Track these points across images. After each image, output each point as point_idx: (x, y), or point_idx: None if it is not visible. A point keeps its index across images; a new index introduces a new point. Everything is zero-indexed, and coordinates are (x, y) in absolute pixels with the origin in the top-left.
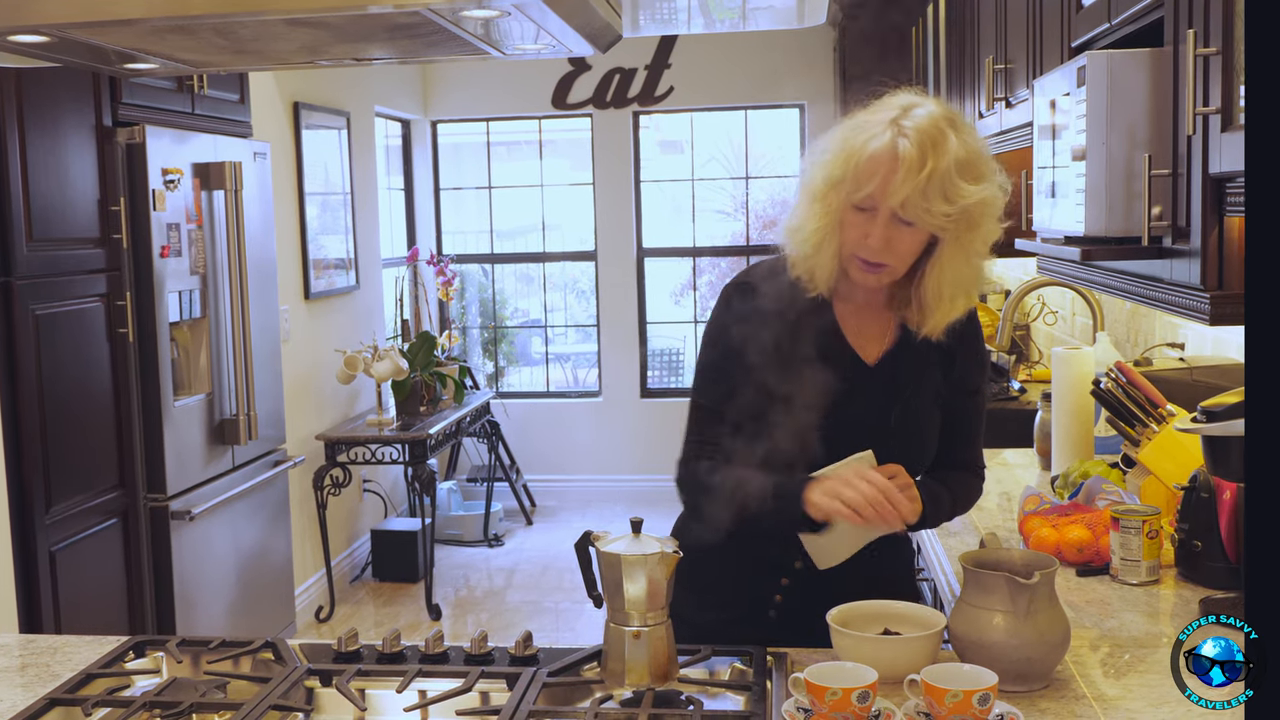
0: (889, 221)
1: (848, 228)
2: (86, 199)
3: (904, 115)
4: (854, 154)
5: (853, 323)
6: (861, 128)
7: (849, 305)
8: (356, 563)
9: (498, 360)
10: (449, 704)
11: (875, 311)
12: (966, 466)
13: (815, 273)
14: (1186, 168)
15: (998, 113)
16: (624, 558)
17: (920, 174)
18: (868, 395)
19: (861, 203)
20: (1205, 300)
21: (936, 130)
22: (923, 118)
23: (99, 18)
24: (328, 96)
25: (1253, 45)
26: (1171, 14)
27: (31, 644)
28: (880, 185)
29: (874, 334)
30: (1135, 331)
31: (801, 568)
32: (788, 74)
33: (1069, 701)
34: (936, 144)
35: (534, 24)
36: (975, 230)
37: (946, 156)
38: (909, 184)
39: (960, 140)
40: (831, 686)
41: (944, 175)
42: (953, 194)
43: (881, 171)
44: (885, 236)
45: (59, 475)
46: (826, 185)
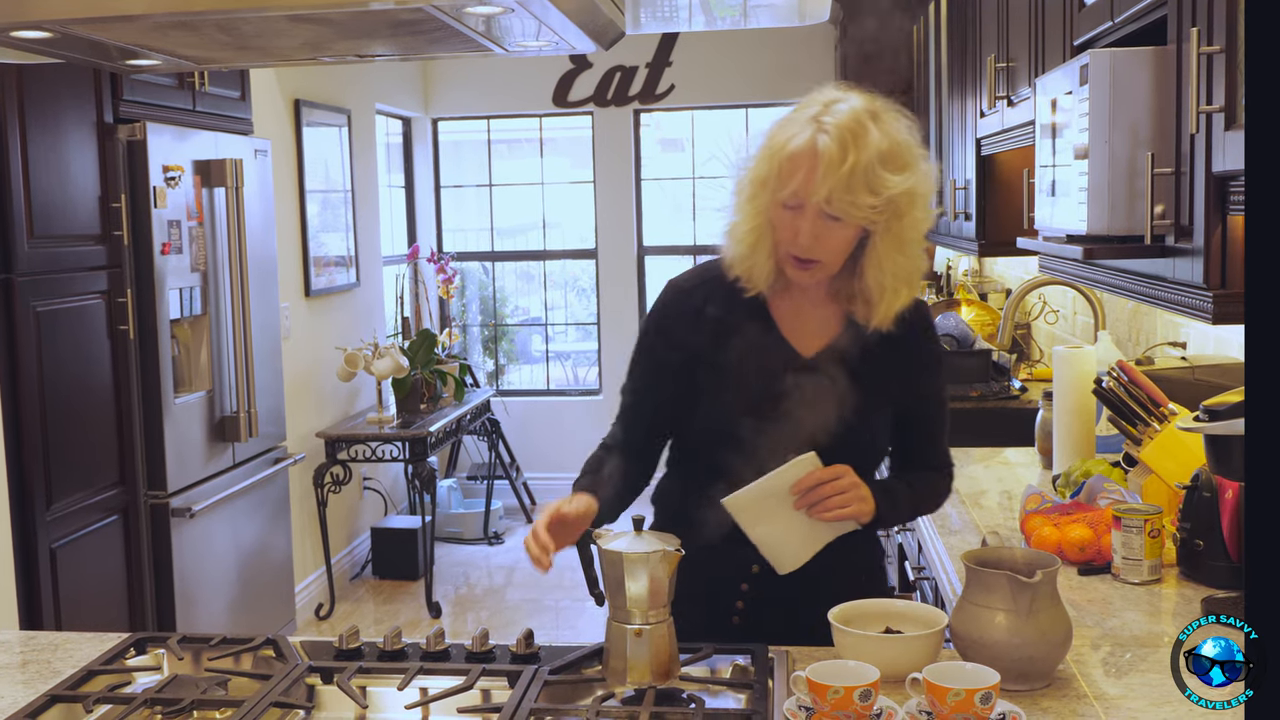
0: (817, 218)
1: (778, 227)
2: (87, 196)
3: (825, 111)
4: (777, 153)
5: (791, 318)
6: (785, 126)
7: (787, 301)
8: (356, 560)
9: (498, 358)
10: (450, 701)
11: (816, 307)
12: (934, 466)
13: (752, 272)
14: (1189, 166)
15: (999, 111)
16: (626, 556)
17: (842, 168)
18: (807, 388)
19: (788, 201)
20: (1208, 299)
21: (857, 123)
22: (844, 112)
23: (102, 13)
24: (329, 94)
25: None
26: (1175, 12)
27: (32, 640)
28: (803, 182)
29: (814, 328)
30: (1137, 330)
31: (760, 572)
32: (789, 72)
33: (1070, 700)
34: (857, 137)
35: (536, 20)
36: (904, 219)
37: (868, 149)
38: (831, 179)
39: (882, 131)
40: (833, 685)
41: (866, 168)
42: (877, 185)
43: (804, 168)
44: (814, 233)
45: (59, 472)
46: (754, 185)
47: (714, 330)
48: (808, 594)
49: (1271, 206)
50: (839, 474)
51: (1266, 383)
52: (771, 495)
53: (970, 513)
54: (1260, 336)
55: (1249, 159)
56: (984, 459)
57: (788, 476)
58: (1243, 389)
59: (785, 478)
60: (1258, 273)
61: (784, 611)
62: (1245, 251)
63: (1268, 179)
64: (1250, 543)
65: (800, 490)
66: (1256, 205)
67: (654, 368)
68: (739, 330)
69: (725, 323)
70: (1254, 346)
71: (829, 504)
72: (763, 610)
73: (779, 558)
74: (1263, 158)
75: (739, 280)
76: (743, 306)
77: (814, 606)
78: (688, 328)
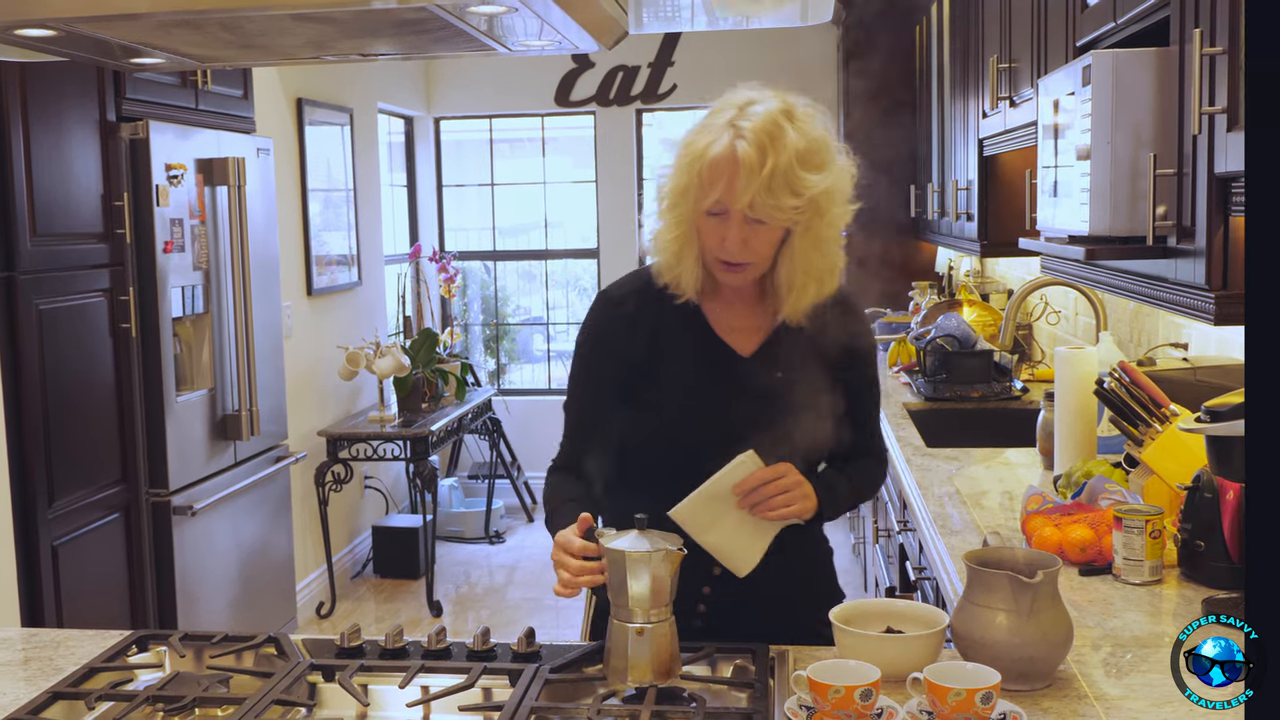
0: (742, 223)
1: (704, 233)
2: (90, 194)
3: (741, 115)
4: (696, 160)
5: (724, 319)
6: (701, 132)
7: (719, 303)
8: (358, 559)
9: (499, 357)
10: (451, 700)
11: (748, 305)
12: (866, 453)
13: (681, 279)
14: (1192, 167)
15: (1002, 112)
16: (628, 554)
17: (762, 173)
18: (749, 386)
19: (712, 208)
20: (1210, 300)
21: (774, 125)
22: (759, 115)
23: (105, 12)
24: (331, 93)
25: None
26: (1178, 13)
27: (34, 638)
28: (726, 190)
29: (748, 327)
30: (1138, 331)
31: (721, 574)
32: (792, 72)
33: (1071, 701)
34: (774, 139)
35: (539, 20)
36: (824, 217)
37: (786, 151)
38: (753, 184)
39: (798, 131)
40: (834, 684)
41: (786, 170)
42: (798, 186)
43: (725, 176)
44: (741, 238)
45: (61, 470)
46: (676, 194)
47: (650, 338)
48: (766, 594)
49: (1272, 207)
50: (781, 472)
51: (1267, 383)
52: (716, 500)
53: (971, 513)
54: (1261, 337)
55: (1249, 159)
56: (985, 459)
57: (729, 479)
58: (1244, 390)
59: (727, 480)
60: (1258, 273)
61: (748, 614)
62: (1245, 252)
63: (1268, 180)
64: (1250, 543)
65: (743, 491)
66: (1257, 206)
67: (595, 381)
68: (675, 336)
69: (661, 329)
70: (1254, 347)
71: (773, 503)
72: (727, 613)
73: (735, 561)
74: (1263, 158)
75: (669, 287)
76: (676, 312)
77: (773, 606)
78: (624, 338)
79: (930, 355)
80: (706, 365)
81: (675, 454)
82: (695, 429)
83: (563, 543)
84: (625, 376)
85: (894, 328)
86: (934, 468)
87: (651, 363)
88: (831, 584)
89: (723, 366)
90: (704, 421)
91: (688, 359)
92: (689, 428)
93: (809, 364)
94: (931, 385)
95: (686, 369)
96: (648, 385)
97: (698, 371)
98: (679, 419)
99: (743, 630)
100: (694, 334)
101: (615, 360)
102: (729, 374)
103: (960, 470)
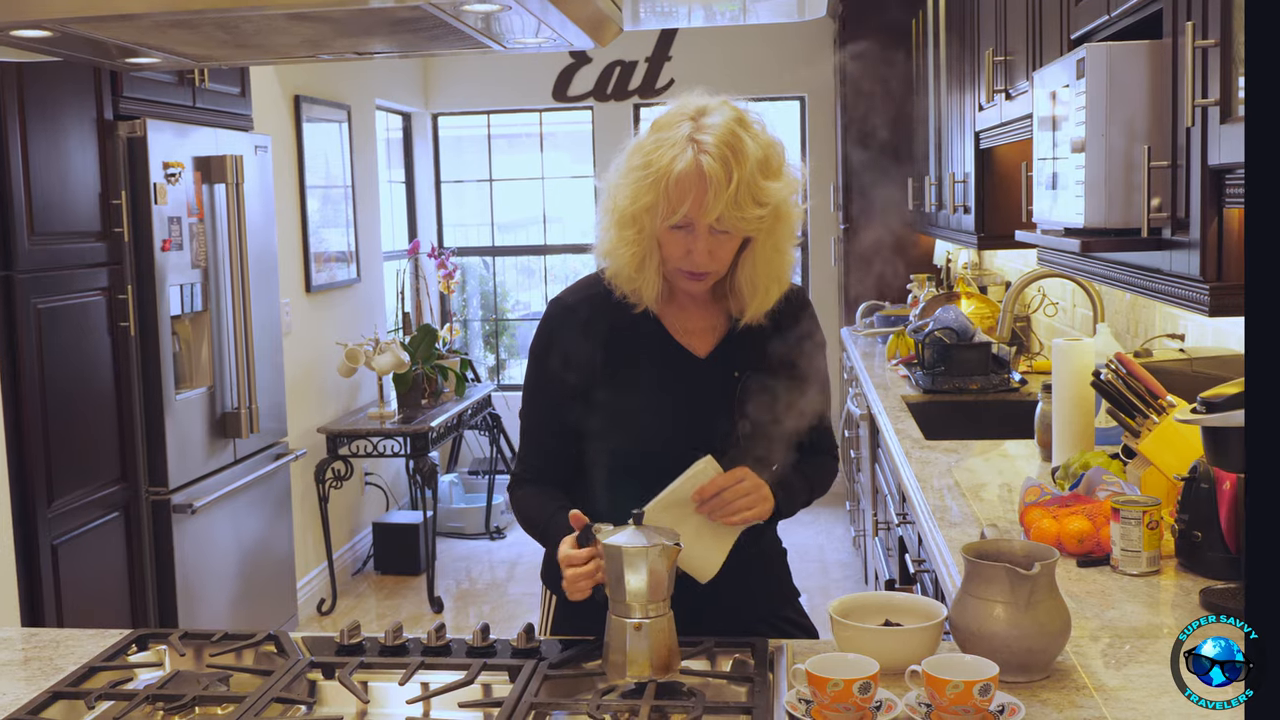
0: (708, 235)
1: (667, 245)
2: (88, 193)
3: (699, 129)
4: (661, 177)
5: (679, 321)
6: (661, 148)
7: (673, 306)
8: (358, 556)
9: (499, 353)
10: (451, 696)
11: (702, 308)
12: (822, 449)
13: (641, 290)
14: (1186, 159)
15: (998, 105)
16: (625, 550)
17: (729, 188)
18: (707, 388)
19: (678, 223)
20: (1205, 291)
21: (733, 136)
22: (718, 127)
23: (101, 12)
24: (328, 90)
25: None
26: (1170, 6)
27: (34, 637)
28: (694, 206)
29: (703, 329)
30: (1135, 323)
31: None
32: (788, 67)
33: (1070, 692)
34: (736, 151)
35: (535, 18)
36: (783, 221)
37: (748, 162)
38: (720, 200)
39: (755, 140)
40: (833, 678)
41: (749, 182)
42: (761, 196)
43: (692, 192)
44: (707, 250)
45: (61, 469)
46: (638, 209)
47: (606, 342)
48: (723, 594)
49: (1271, 197)
50: (739, 477)
51: (1266, 373)
52: (675, 506)
53: (970, 505)
54: (1260, 326)
55: (1248, 149)
56: (983, 451)
57: (688, 486)
58: (1240, 381)
59: (686, 488)
60: (1257, 263)
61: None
62: (1244, 242)
63: (1267, 169)
64: (1250, 537)
65: (703, 498)
66: (1256, 195)
67: (552, 387)
68: (631, 340)
69: (616, 334)
70: (1254, 336)
71: (733, 507)
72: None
73: (697, 567)
74: (1262, 148)
75: (627, 297)
76: (631, 316)
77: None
78: (580, 343)
79: (928, 348)
80: (663, 368)
81: (634, 457)
82: (653, 432)
83: (567, 559)
84: (582, 382)
85: (892, 320)
86: (933, 460)
87: (608, 367)
88: (787, 582)
89: (679, 369)
90: (662, 424)
91: (644, 362)
92: (647, 431)
93: (764, 361)
94: (930, 378)
95: (643, 372)
96: (605, 390)
97: (656, 375)
98: (637, 422)
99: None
100: (650, 337)
101: (572, 366)
102: (686, 376)
103: (959, 463)
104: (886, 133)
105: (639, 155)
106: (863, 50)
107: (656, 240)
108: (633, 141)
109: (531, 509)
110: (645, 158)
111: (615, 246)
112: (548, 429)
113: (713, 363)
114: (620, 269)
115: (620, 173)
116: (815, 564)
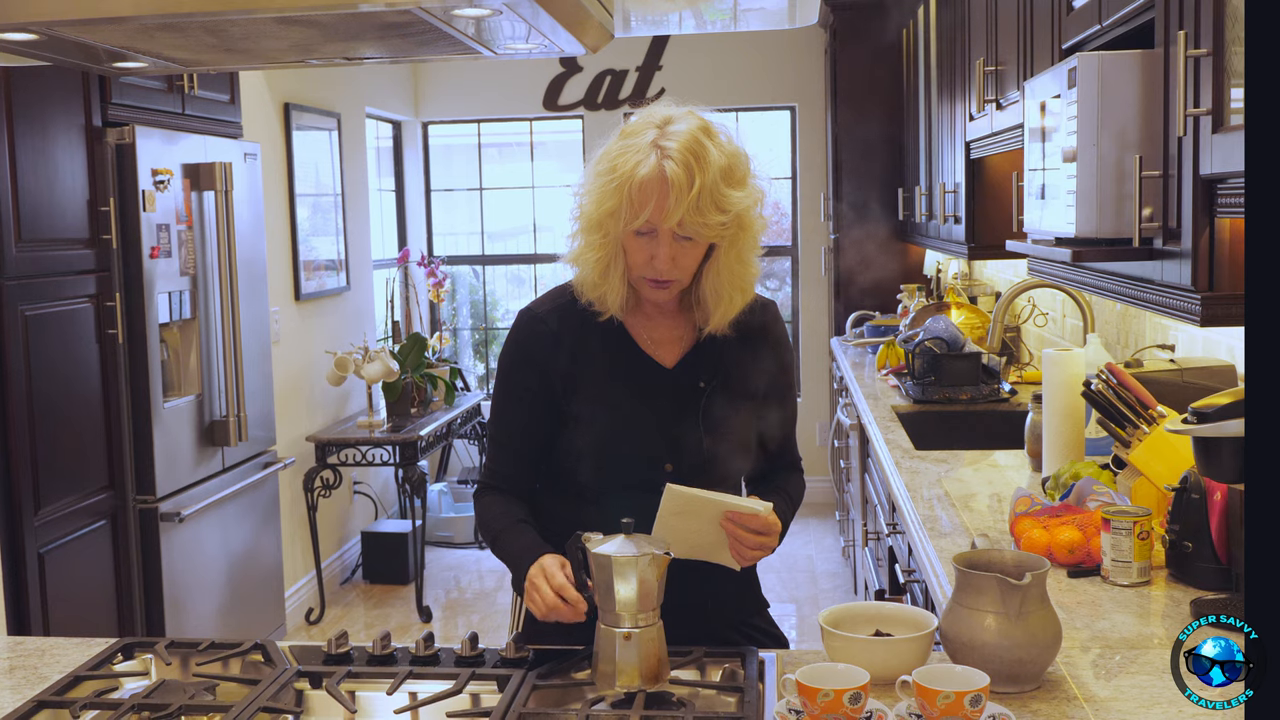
0: (671, 241)
1: (631, 252)
2: (76, 199)
3: (663, 135)
4: (624, 182)
5: (646, 332)
6: (626, 153)
7: (640, 316)
8: (347, 565)
9: (489, 362)
10: (439, 706)
11: (668, 318)
12: (789, 463)
13: (606, 297)
14: (1177, 169)
15: (988, 114)
16: (615, 559)
17: (691, 192)
18: (673, 398)
19: (641, 228)
20: (1196, 301)
21: (697, 144)
22: (682, 134)
23: (88, 15)
24: (318, 97)
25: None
26: (1162, 15)
27: (19, 646)
28: (656, 210)
29: (670, 339)
30: (1126, 333)
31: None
32: (779, 75)
33: (1060, 703)
34: (699, 158)
35: (525, 23)
36: (746, 231)
37: (711, 169)
38: (682, 204)
39: (719, 149)
40: (823, 688)
41: (712, 188)
42: (724, 203)
43: (654, 197)
44: (670, 256)
45: (48, 477)
46: (602, 214)
47: (574, 353)
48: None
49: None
50: (774, 530)
51: (1266, 384)
52: (709, 506)
53: (960, 515)
54: (1259, 337)
55: (1249, 159)
56: (973, 462)
57: (737, 508)
58: (1231, 391)
59: (732, 506)
60: (1257, 273)
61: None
62: (1245, 251)
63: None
64: (1249, 545)
65: (741, 528)
66: (1256, 205)
67: (521, 398)
68: (599, 351)
69: (584, 345)
70: (1253, 347)
71: (750, 554)
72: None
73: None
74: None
75: (593, 304)
76: (599, 327)
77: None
78: (548, 354)
79: (919, 358)
80: (630, 379)
81: (602, 467)
82: (621, 442)
83: (548, 572)
84: (550, 393)
85: (882, 330)
86: (923, 470)
87: (576, 378)
88: (756, 592)
89: (647, 379)
90: (630, 434)
91: (612, 372)
92: (615, 441)
93: (731, 372)
94: (920, 388)
95: (611, 382)
96: (573, 400)
97: (623, 385)
98: (605, 433)
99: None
100: (617, 348)
101: (540, 376)
102: (653, 386)
103: (949, 473)
104: (877, 142)
105: (605, 161)
106: (853, 59)
107: (621, 246)
108: (601, 149)
109: (494, 516)
110: (611, 163)
111: (581, 252)
112: (515, 438)
113: (680, 373)
114: (586, 275)
115: (588, 179)
116: (805, 574)
